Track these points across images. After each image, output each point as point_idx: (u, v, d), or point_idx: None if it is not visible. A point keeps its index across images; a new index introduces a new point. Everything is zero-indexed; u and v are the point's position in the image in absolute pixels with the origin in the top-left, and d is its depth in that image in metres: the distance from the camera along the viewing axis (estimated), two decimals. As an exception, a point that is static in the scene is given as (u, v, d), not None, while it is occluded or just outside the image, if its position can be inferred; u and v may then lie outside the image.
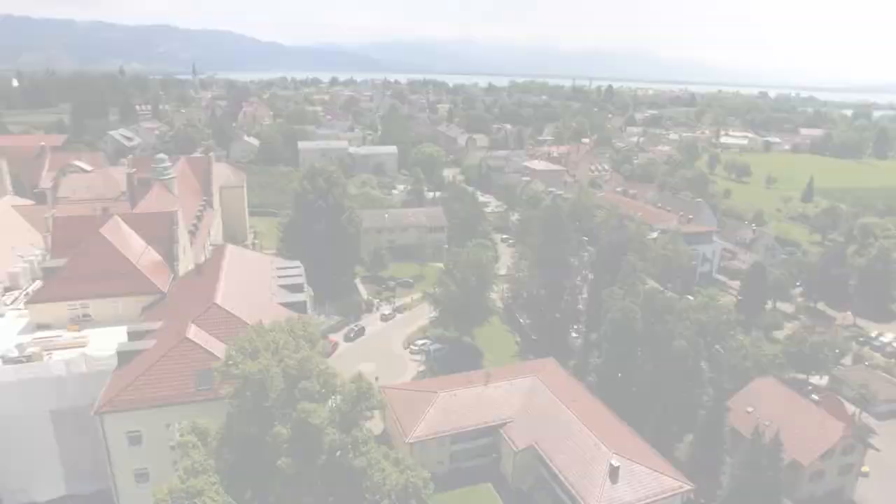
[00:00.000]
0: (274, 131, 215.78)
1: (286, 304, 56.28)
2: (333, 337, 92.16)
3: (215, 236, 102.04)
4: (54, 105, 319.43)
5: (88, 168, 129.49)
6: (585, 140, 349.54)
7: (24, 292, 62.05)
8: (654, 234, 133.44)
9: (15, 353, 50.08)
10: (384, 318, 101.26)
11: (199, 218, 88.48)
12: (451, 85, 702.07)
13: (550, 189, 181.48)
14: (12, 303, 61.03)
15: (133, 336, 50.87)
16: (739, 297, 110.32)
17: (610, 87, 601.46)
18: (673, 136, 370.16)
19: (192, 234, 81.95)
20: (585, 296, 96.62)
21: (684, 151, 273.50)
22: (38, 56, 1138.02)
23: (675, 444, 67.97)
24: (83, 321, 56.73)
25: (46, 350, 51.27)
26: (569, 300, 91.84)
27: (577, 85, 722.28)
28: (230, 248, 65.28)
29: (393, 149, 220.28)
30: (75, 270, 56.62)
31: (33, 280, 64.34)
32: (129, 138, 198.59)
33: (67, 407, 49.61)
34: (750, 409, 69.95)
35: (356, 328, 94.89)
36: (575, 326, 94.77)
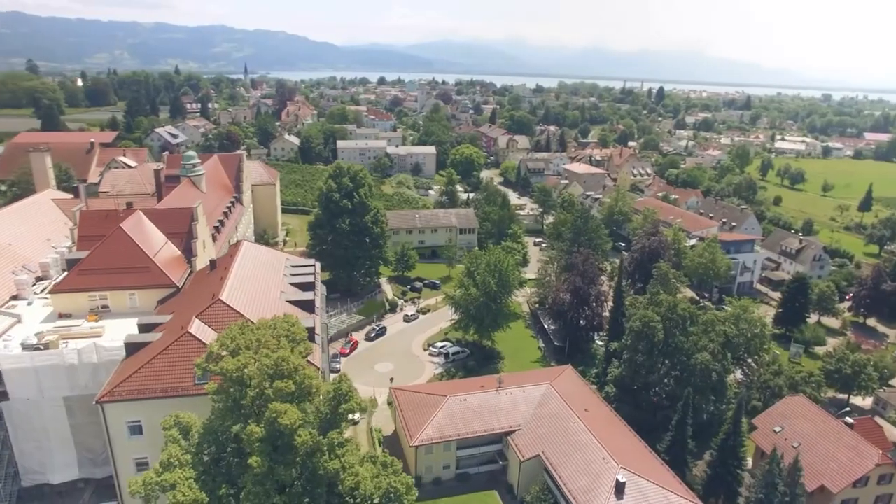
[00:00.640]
0: (314, 130, 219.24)
1: (294, 302, 56.62)
2: (354, 336, 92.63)
3: (245, 232, 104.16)
4: (113, 103, 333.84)
5: (133, 164, 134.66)
6: (632, 143, 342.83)
7: (53, 282, 64.44)
8: (692, 242, 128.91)
9: (34, 341, 51.91)
10: (407, 319, 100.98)
11: (226, 214, 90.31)
12: (498, 86, 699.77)
13: (588, 193, 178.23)
14: (41, 292, 63.56)
15: (143, 328, 52.07)
16: (779, 310, 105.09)
17: (661, 89, 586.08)
18: (725, 140, 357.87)
19: (218, 229, 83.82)
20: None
21: (735, 156, 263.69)
22: (105, 56, 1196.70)
23: (692, 461, 64.96)
24: (102, 312, 58.45)
25: (63, 339, 52.99)
26: (595, 307, 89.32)
27: (628, 87, 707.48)
28: (246, 244, 66.10)
29: (431, 149, 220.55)
30: (95, 263, 58.46)
31: (63, 271, 66.79)
32: (174, 135, 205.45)
33: (79, 394, 51.15)
34: (777, 429, 66.24)
35: (377, 328, 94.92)
36: (599, 334, 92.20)
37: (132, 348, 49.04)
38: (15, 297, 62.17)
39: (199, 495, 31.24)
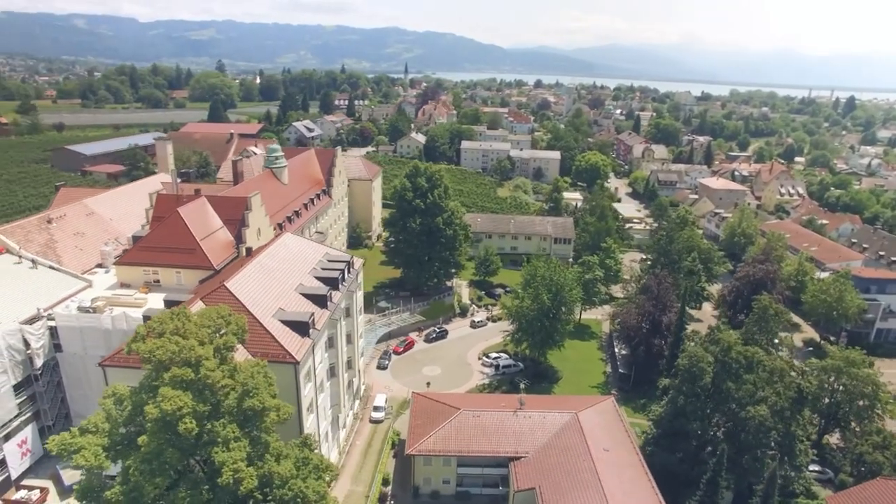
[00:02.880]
0: (441, 130, 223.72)
1: (308, 296, 58.07)
2: (413, 336, 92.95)
3: (332, 224, 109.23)
4: (280, 99, 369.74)
5: (260, 152, 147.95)
6: (798, 159, 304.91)
7: (130, 254, 72.67)
8: (824, 274, 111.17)
9: (87, 304, 59.08)
10: (474, 325, 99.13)
11: (306, 206, 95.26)
12: (661, 92, 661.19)
13: (717, 210, 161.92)
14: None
15: (168, 304, 56.56)
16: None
17: (851, 98, 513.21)
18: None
19: (290, 219, 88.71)
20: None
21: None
22: (292, 56, 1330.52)
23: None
24: (154, 286, 64.70)
25: (110, 305, 59.61)
26: (666, 335, 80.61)
27: (812, 96, 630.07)
28: (286, 235, 69.09)
29: (555, 154, 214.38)
30: (153, 241, 64.82)
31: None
32: (310, 129, 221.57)
33: (113, 356, 57.17)
34: (850, 514, 54.55)
35: (438, 331, 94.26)
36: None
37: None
38: (99, 265, 71.30)
39: (104, 462, 33.24)
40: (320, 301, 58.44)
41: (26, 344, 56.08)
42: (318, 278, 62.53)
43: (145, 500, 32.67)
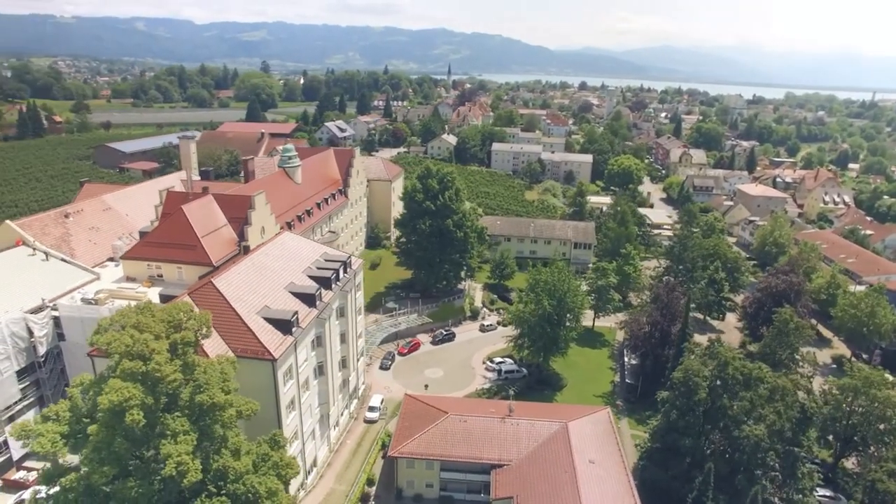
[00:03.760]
0: (472, 131, 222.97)
1: (297, 295, 58.71)
2: (419, 338, 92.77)
3: (346, 224, 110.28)
4: (319, 99, 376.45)
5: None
6: (852, 166, 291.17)
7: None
8: (860, 288, 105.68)
9: (90, 296, 61.37)
10: (483, 329, 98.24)
11: (319, 206, 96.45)
12: (710, 94, 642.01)
13: (752, 218, 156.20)
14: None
15: (163, 299, 58.24)
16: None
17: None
18: None
19: (300, 218, 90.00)
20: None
21: None
22: (340, 57, 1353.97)
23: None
24: (157, 280, 66.65)
25: (112, 298, 61.69)
26: (672, 346, 78.00)
27: (876, 99, 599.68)
28: (286, 234, 70.05)
29: (588, 157, 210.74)
30: (157, 237, 66.76)
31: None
32: (342, 129, 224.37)
33: (111, 347, 59.23)
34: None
35: (445, 333, 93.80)
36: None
37: (141, 314, 55.12)
38: (110, 259, 73.98)
39: (61, 449, 34.40)
40: (308, 300, 58.99)
41: (30, 332, 58.70)
42: (311, 277, 63.12)
43: (94, 489, 33.58)
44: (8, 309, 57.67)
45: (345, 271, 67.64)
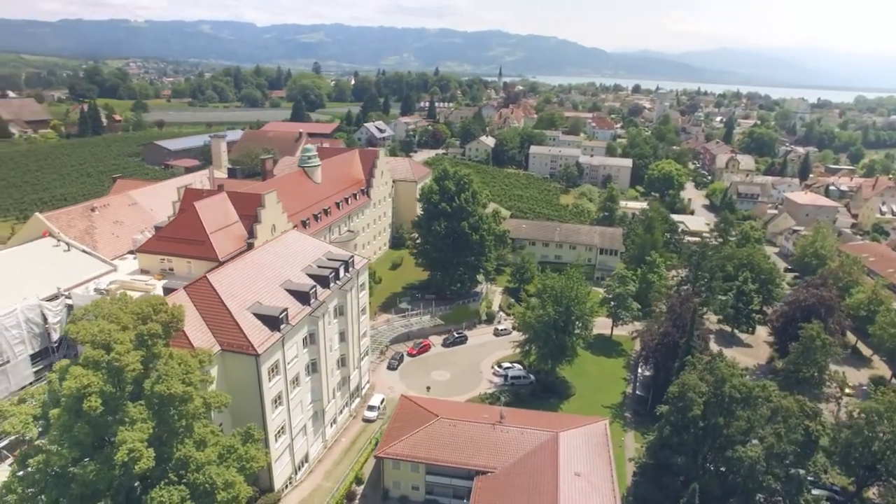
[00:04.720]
0: (511, 134, 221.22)
1: (291, 292, 59.84)
2: (430, 340, 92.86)
3: (368, 224, 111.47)
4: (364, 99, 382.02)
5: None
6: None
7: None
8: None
9: (103, 287, 64.36)
10: (497, 333, 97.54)
11: (338, 206, 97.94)
12: (772, 98, 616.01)
13: (796, 228, 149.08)
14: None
15: (166, 292, 60.52)
16: None
17: None
18: None
19: (317, 217, 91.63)
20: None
21: None
22: (395, 59, 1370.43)
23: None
24: (168, 274, 69.26)
25: (123, 289, 64.40)
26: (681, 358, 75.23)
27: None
28: (292, 232, 71.43)
29: (627, 161, 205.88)
30: (170, 231, 69.40)
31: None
32: (381, 130, 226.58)
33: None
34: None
35: (457, 336, 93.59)
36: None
37: (142, 306, 57.41)
38: (130, 252, 77.32)
39: (31, 431, 36.28)
40: (302, 297, 59.98)
41: (45, 318, 62.01)
42: (309, 275, 64.17)
43: (56, 470, 35.22)
44: (26, 296, 61.16)
45: (346, 271, 68.45)
